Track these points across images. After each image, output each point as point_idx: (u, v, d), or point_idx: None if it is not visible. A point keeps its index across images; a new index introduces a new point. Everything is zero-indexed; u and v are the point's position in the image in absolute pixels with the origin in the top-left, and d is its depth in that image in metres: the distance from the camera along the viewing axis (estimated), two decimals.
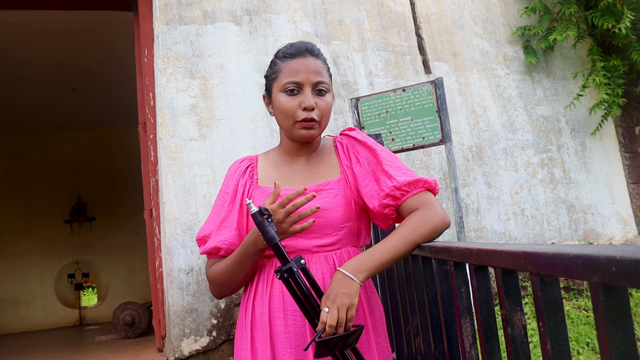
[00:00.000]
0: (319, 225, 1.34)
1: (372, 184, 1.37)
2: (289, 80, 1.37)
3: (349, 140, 1.47)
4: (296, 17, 3.99)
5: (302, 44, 1.41)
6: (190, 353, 3.24)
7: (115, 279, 9.89)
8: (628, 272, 0.58)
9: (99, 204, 9.74)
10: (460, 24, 4.47)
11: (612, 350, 0.67)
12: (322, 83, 1.38)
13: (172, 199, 3.41)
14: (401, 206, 1.34)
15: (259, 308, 1.35)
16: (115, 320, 6.07)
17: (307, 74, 1.36)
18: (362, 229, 1.42)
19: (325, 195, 1.37)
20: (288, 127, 1.39)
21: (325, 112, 1.38)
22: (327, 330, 1.14)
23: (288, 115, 1.37)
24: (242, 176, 1.46)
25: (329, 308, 1.16)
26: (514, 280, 0.98)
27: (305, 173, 1.44)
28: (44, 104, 8.25)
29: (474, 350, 1.22)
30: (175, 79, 3.60)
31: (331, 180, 1.40)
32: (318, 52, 1.42)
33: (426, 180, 1.35)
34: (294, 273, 1.17)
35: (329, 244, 1.35)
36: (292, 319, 1.31)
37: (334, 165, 1.44)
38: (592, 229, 4.41)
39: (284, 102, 1.37)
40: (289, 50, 1.40)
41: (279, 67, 1.40)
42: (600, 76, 4.32)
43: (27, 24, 5.66)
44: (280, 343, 1.30)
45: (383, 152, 1.41)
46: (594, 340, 3.31)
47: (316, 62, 1.39)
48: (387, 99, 3.48)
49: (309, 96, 1.35)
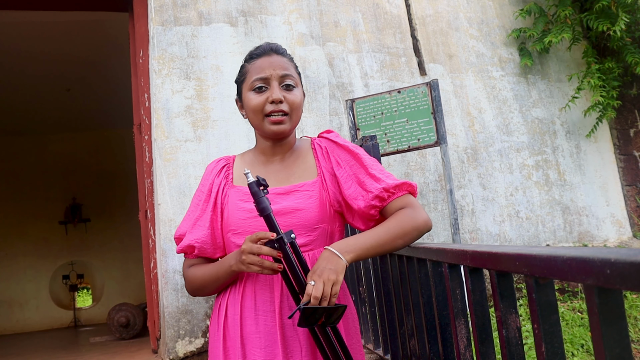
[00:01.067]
0: (293, 225, 1.36)
1: (355, 187, 1.40)
2: (255, 77, 1.40)
3: (328, 143, 1.49)
4: (291, 19, 3.99)
5: (266, 44, 1.46)
6: (185, 354, 3.23)
7: (110, 280, 9.86)
8: (622, 275, 0.58)
9: (93, 205, 9.71)
10: (455, 25, 4.47)
11: (606, 352, 0.66)
12: (288, 76, 1.40)
13: (167, 200, 3.40)
14: (386, 207, 1.38)
15: (231, 307, 1.38)
16: (109, 321, 6.05)
17: (272, 69, 1.39)
18: (335, 231, 1.44)
19: (300, 196, 1.39)
20: (259, 124, 1.43)
21: (294, 105, 1.40)
22: (312, 301, 1.16)
23: (257, 111, 1.40)
24: (218, 175, 1.50)
25: (315, 281, 1.18)
26: (508, 282, 0.98)
27: (281, 173, 1.46)
28: (38, 105, 8.22)
29: (469, 352, 1.22)
30: (171, 80, 3.59)
31: (306, 182, 1.42)
32: (283, 50, 1.46)
33: (409, 184, 1.39)
34: (284, 245, 1.20)
35: (302, 245, 1.36)
36: (262, 319, 1.33)
37: (310, 167, 1.46)
38: (586, 230, 4.42)
39: (253, 99, 1.40)
40: (254, 52, 1.45)
41: (247, 69, 1.45)
42: (595, 78, 4.33)
43: (21, 24, 5.64)
44: (250, 342, 1.32)
45: (365, 156, 1.44)
46: (588, 342, 3.31)
47: (281, 59, 1.42)
48: (382, 100, 3.48)
49: (276, 89, 1.38)
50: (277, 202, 1.37)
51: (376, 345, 2.48)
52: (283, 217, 1.36)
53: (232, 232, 1.40)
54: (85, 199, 9.68)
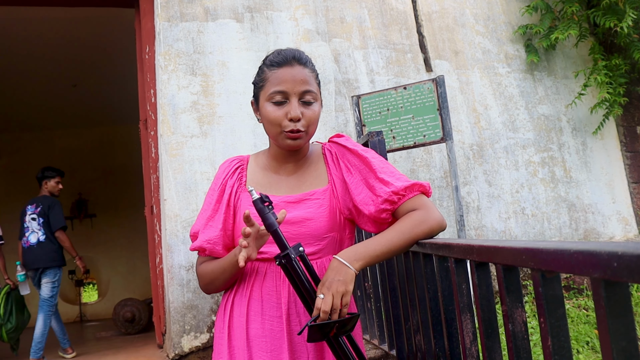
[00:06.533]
0: (302, 234, 1.35)
1: (366, 192, 1.38)
2: (275, 89, 1.35)
3: (338, 148, 1.47)
4: (297, 15, 3.99)
5: (289, 51, 1.39)
6: (190, 349, 3.25)
7: (115, 275, 9.89)
8: (630, 268, 0.58)
9: (99, 200, 9.74)
10: (461, 22, 4.46)
11: (613, 345, 0.67)
12: (309, 92, 1.36)
13: (173, 195, 3.41)
14: (397, 210, 1.35)
15: (237, 309, 1.38)
16: (115, 316, 6.08)
17: (293, 83, 1.35)
18: (344, 239, 1.43)
19: (310, 205, 1.38)
20: (274, 136, 1.39)
21: (311, 121, 1.37)
22: (322, 315, 1.16)
23: (274, 125, 1.36)
24: (231, 177, 1.47)
25: (324, 295, 1.17)
26: (515, 276, 0.98)
27: (292, 181, 1.44)
28: (45, 101, 8.25)
29: (475, 347, 1.22)
30: (177, 75, 3.60)
31: (317, 190, 1.41)
32: (306, 60, 1.40)
33: (421, 184, 1.36)
34: (292, 259, 1.19)
35: (311, 253, 1.35)
36: (269, 323, 1.33)
37: (321, 174, 1.44)
38: (592, 228, 4.41)
39: (271, 112, 1.36)
40: (276, 59, 1.39)
41: (266, 75, 1.39)
42: (601, 75, 4.31)
43: (28, 20, 5.65)
44: (256, 345, 1.32)
45: (375, 160, 1.41)
46: (593, 340, 3.31)
47: (303, 71, 1.37)
48: (388, 96, 3.48)
49: (295, 107, 1.34)
50: (287, 211, 1.35)
51: (381, 340, 2.48)
52: (292, 227, 1.35)
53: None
54: (91, 194, 9.71)
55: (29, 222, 4.95)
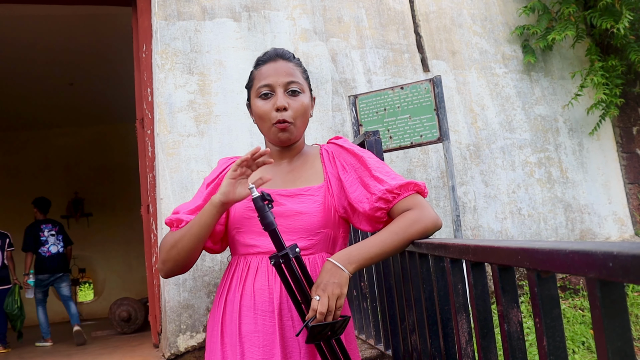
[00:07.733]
0: (295, 228, 1.36)
1: (361, 189, 1.39)
2: (261, 84, 1.41)
3: (335, 148, 1.50)
4: (295, 14, 3.98)
5: (273, 50, 1.46)
6: (186, 349, 3.24)
7: (111, 274, 9.88)
8: (625, 268, 0.58)
9: (95, 199, 9.72)
10: (459, 22, 4.47)
11: (608, 346, 0.67)
12: (293, 83, 1.41)
13: (170, 194, 3.40)
14: (392, 209, 1.36)
15: (230, 305, 1.38)
16: (111, 315, 6.07)
17: (277, 76, 1.40)
18: (338, 237, 1.44)
19: (304, 199, 1.39)
20: (266, 131, 1.44)
21: (299, 112, 1.41)
22: (318, 317, 1.16)
23: (264, 119, 1.41)
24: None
25: (319, 296, 1.18)
26: (510, 276, 0.98)
27: (287, 176, 1.46)
28: (41, 99, 8.23)
29: (470, 347, 1.22)
30: (174, 74, 3.59)
31: (312, 186, 1.41)
32: (290, 55, 1.46)
33: (416, 183, 1.37)
34: (289, 259, 1.19)
35: (303, 248, 1.36)
36: (261, 319, 1.33)
37: (317, 172, 1.46)
38: (588, 228, 4.41)
39: (259, 106, 1.41)
40: (261, 58, 1.46)
41: (254, 75, 1.46)
42: (598, 76, 4.32)
43: (24, 17, 5.64)
44: (249, 341, 1.32)
45: (371, 159, 1.42)
46: (589, 340, 3.32)
47: (287, 64, 1.43)
48: (385, 96, 3.48)
49: (281, 97, 1.39)
50: (281, 204, 1.37)
51: (377, 340, 2.48)
52: (286, 220, 1.36)
53: (237, 230, 1.41)
54: (88, 193, 9.70)
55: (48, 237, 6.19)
